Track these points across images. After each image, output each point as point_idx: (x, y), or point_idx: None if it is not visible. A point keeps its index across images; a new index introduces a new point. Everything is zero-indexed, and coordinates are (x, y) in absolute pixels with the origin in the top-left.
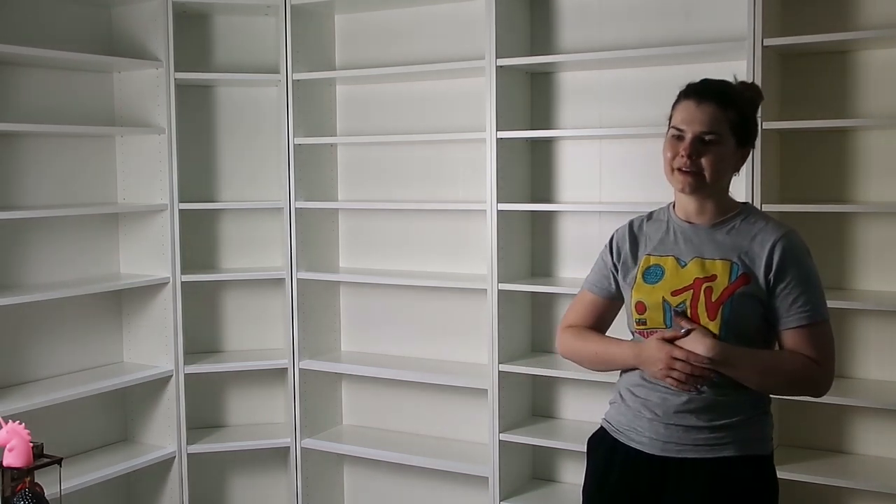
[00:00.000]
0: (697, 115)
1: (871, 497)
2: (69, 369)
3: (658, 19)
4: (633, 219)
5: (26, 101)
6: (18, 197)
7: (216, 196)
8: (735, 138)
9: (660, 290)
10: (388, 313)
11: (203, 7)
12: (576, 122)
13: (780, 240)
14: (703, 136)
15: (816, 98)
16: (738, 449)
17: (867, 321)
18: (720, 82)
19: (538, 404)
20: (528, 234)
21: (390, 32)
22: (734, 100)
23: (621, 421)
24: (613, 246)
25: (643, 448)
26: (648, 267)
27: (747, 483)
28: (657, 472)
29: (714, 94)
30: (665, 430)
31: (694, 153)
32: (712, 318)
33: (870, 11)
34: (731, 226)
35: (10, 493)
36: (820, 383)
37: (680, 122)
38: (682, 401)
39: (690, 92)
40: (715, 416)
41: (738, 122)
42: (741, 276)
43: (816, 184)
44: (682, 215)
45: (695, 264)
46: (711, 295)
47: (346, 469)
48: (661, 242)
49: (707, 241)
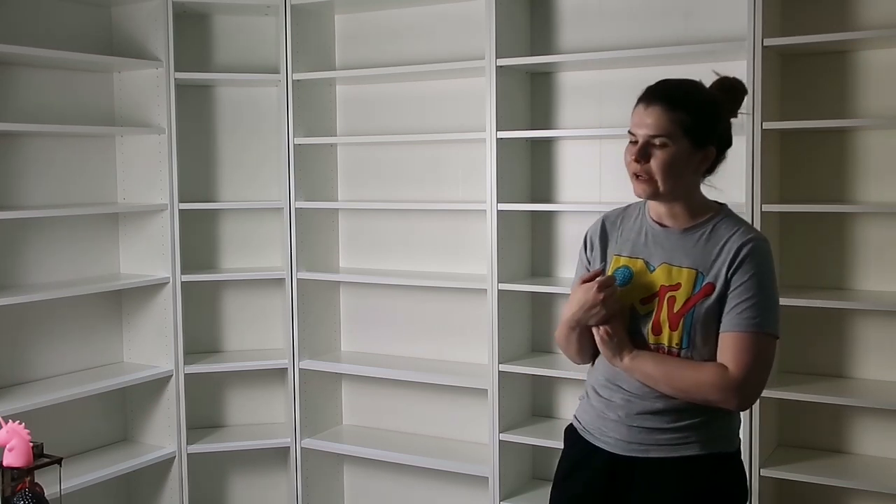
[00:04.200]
0: (645, 118)
1: (871, 497)
2: (69, 369)
3: (658, 19)
4: (607, 212)
5: (26, 101)
6: (18, 197)
7: (216, 196)
8: (689, 139)
9: (629, 294)
10: (388, 313)
11: (203, 7)
12: (576, 122)
13: (747, 243)
14: (651, 140)
15: (816, 98)
16: (704, 447)
17: (867, 321)
18: (676, 83)
19: (538, 404)
20: (527, 234)
21: (390, 32)
22: (685, 100)
23: (587, 420)
24: (588, 242)
25: (609, 448)
26: (618, 267)
27: (714, 480)
28: (624, 472)
29: (662, 96)
30: (628, 432)
31: (642, 157)
32: (674, 329)
33: (870, 11)
34: (702, 231)
35: (10, 493)
36: (732, 395)
37: (632, 126)
38: (644, 404)
39: (644, 94)
40: (677, 418)
41: (691, 122)
42: (705, 287)
43: (816, 184)
44: (654, 217)
45: (662, 270)
46: (674, 305)
47: (346, 469)
48: (633, 244)
49: (677, 247)
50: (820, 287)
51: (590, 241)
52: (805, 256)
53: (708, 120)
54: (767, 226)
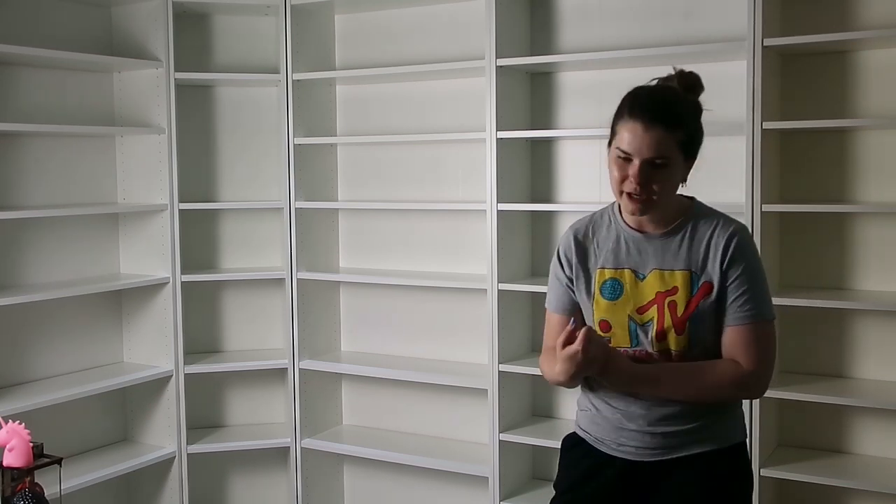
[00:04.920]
0: (646, 140)
1: (871, 497)
2: (69, 369)
3: (658, 19)
4: (574, 225)
5: (26, 101)
6: (18, 197)
7: (216, 196)
8: (682, 153)
9: (623, 306)
10: (388, 313)
11: (203, 7)
12: (576, 122)
13: (733, 235)
14: (653, 161)
15: (816, 98)
16: (721, 441)
17: (867, 321)
18: (666, 95)
19: (538, 404)
20: (527, 234)
21: (390, 32)
22: (680, 118)
23: (599, 431)
24: (563, 259)
25: (630, 457)
26: (605, 281)
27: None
28: (643, 477)
29: (662, 117)
30: (651, 439)
31: (644, 181)
32: (680, 333)
33: (870, 11)
34: (683, 231)
35: (10, 493)
36: (752, 387)
37: (626, 144)
38: (663, 410)
39: (636, 111)
40: (694, 418)
41: (686, 139)
42: (703, 286)
43: (816, 184)
44: (632, 223)
45: (654, 276)
46: (676, 309)
47: (346, 469)
48: (614, 254)
49: (663, 251)
50: (820, 287)
51: (564, 259)
52: (805, 256)
53: (698, 132)
54: (767, 226)
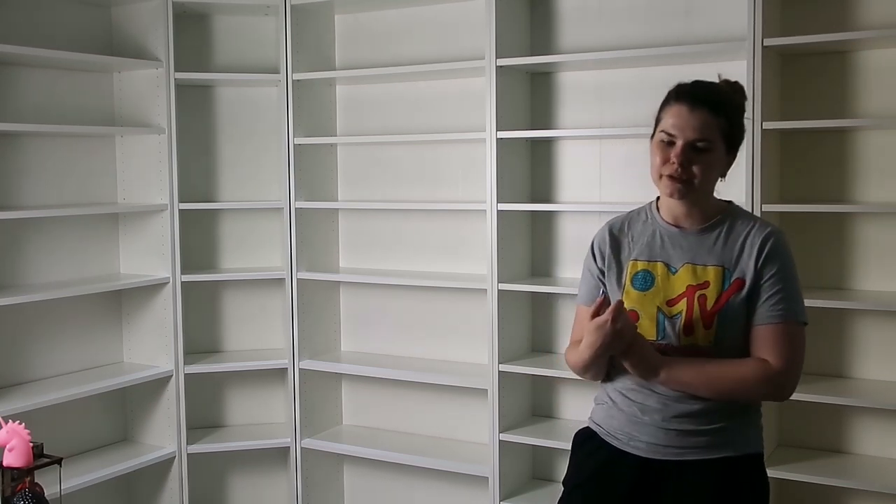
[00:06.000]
0: (690, 121)
1: (871, 497)
2: (69, 369)
3: (658, 19)
4: (610, 221)
5: (26, 101)
6: (18, 197)
7: (216, 196)
8: (725, 145)
9: (653, 298)
10: (388, 313)
11: (203, 7)
12: (576, 122)
13: (770, 236)
14: (695, 143)
15: (816, 98)
16: (738, 448)
17: (867, 321)
18: (711, 86)
19: (538, 404)
20: (527, 234)
21: (390, 32)
22: (725, 106)
23: (613, 425)
24: (596, 251)
25: (641, 453)
26: (637, 272)
27: (747, 482)
28: (655, 476)
29: (707, 100)
30: (665, 436)
31: (686, 161)
32: (708, 328)
33: (870, 11)
34: (719, 229)
35: (10, 493)
36: (779, 387)
37: (671, 126)
38: (680, 407)
39: (683, 95)
40: (713, 420)
41: (728, 128)
42: (735, 282)
43: (816, 184)
44: (669, 219)
45: (686, 270)
46: (706, 303)
47: (346, 469)
48: (649, 247)
49: (697, 247)
50: (820, 287)
51: (598, 251)
52: (805, 256)
53: (740, 127)
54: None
